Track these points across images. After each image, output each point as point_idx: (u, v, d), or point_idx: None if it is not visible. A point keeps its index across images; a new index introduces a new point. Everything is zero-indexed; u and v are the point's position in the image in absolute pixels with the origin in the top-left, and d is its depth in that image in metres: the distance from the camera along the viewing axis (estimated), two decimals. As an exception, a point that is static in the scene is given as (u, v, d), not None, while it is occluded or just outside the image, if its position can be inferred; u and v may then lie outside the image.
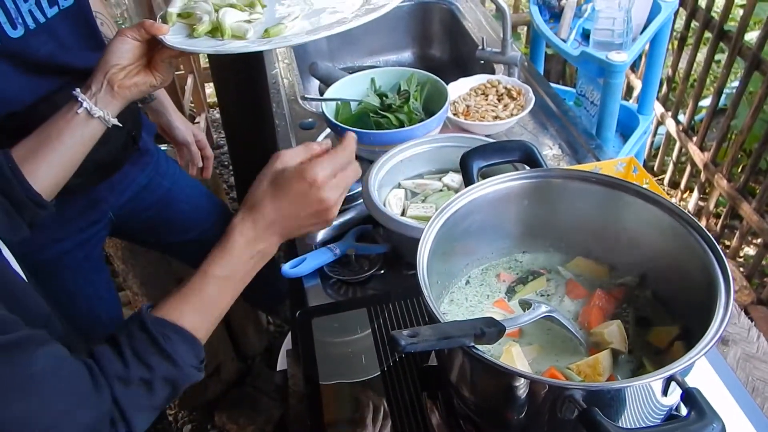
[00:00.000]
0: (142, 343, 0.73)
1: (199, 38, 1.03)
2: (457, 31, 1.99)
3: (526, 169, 0.90)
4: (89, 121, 1.00)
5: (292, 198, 0.82)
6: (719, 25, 2.29)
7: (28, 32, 1.09)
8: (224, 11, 1.04)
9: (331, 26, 1.01)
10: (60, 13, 1.15)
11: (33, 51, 1.11)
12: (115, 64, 1.00)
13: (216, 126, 3.44)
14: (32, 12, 1.09)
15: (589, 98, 1.87)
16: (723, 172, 2.40)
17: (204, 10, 1.05)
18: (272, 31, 1.01)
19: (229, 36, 1.02)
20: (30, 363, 0.63)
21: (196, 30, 1.03)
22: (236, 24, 1.04)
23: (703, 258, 0.75)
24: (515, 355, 0.77)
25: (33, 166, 0.94)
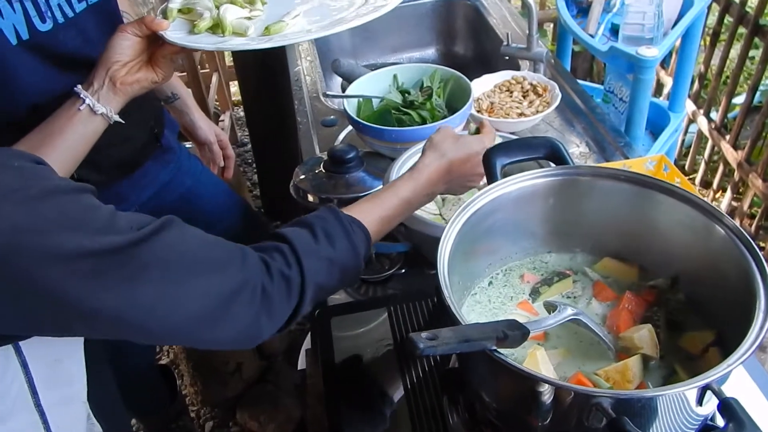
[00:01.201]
0: (335, 228, 0.81)
1: (199, 34, 1.02)
2: (481, 28, 1.96)
3: (551, 167, 0.87)
4: (92, 117, 0.99)
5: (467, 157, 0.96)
6: (754, 19, 2.22)
7: (56, 26, 1.10)
8: (225, 8, 1.03)
9: (331, 25, 0.99)
10: (88, 9, 1.15)
11: (61, 45, 1.12)
12: (116, 60, 1.00)
13: (240, 124, 3.45)
14: (61, 6, 1.10)
15: (617, 95, 1.82)
16: (758, 171, 2.32)
17: (204, 6, 1.04)
18: (273, 28, 1.00)
19: (230, 33, 1.01)
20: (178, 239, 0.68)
21: (196, 26, 1.02)
22: (237, 21, 1.03)
23: (740, 260, 0.71)
24: (540, 360, 0.74)
25: None
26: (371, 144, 1.36)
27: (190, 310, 0.67)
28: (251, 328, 0.72)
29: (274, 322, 0.74)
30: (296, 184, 1.31)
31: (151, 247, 0.66)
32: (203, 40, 1.01)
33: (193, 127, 1.63)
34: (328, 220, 0.82)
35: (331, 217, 0.82)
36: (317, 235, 0.79)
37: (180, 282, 0.67)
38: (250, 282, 0.72)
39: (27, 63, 1.08)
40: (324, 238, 0.79)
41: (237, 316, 0.70)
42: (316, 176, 1.31)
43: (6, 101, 1.11)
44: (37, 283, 0.60)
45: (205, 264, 0.70)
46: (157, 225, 0.67)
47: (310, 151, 1.50)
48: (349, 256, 0.81)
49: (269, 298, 0.73)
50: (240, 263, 0.72)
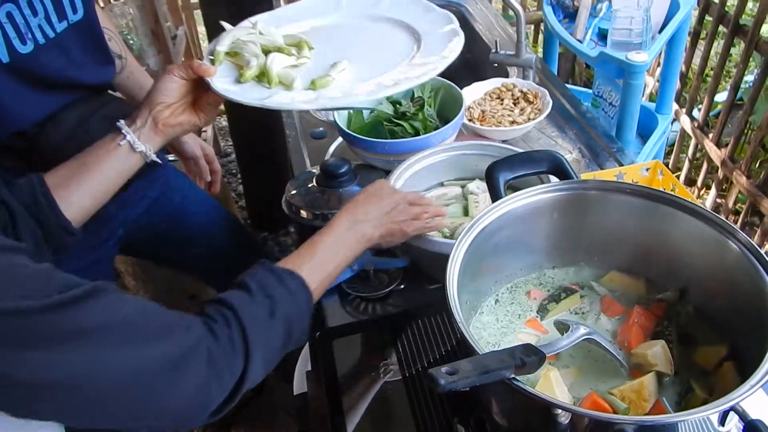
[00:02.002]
0: (267, 278, 0.79)
1: (245, 83, 1.02)
2: (467, 34, 1.93)
3: (554, 181, 0.86)
4: (130, 154, 0.99)
5: (385, 188, 1.00)
6: (734, 19, 2.24)
7: (38, 48, 1.07)
8: (272, 58, 1.02)
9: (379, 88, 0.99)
10: (69, 28, 1.12)
11: (43, 66, 1.09)
12: (160, 101, 1.00)
13: (223, 134, 3.41)
14: (42, 27, 1.07)
15: (607, 99, 1.82)
16: (742, 168, 2.35)
17: (252, 53, 1.04)
18: (318, 83, 1.00)
19: (276, 83, 1.01)
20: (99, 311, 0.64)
21: (243, 75, 1.02)
22: (284, 71, 1.02)
23: (750, 272, 0.71)
24: (554, 381, 0.73)
25: (66, 192, 0.94)
26: (363, 157, 1.34)
27: (131, 379, 0.63)
28: (200, 394, 0.68)
29: (223, 387, 0.71)
30: (288, 199, 1.29)
31: (87, 311, 0.62)
32: (249, 93, 0.99)
33: (178, 141, 1.59)
34: (261, 275, 0.80)
35: (263, 272, 0.81)
36: (252, 291, 0.77)
37: (117, 348, 0.63)
38: (196, 346, 0.69)
39: (9, 87, 1.05)
40: (259, 291, 0.77)
41: (184, 382, 0.67)
42: (309, 191, 1.28)
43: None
44: None
45: (145, 330, 0.66)
46: (88, 288, 0.64)
47: (301, 165, 1.47)
48: (290, 305, 0.79)
49: (215, 361, 0.69)
50: (184, 328, 0.69)
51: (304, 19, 1.19)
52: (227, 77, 1.03)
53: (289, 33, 1.13)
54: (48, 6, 1.06)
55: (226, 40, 1.08)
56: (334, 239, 0.91)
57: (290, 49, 1.06)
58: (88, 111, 1.20)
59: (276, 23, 1.16)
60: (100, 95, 1.26)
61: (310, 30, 1.16)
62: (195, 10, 3.09)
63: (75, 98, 1.18)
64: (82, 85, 1.19)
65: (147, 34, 2.41)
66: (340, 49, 1.03)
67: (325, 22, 1.19)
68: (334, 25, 1.18)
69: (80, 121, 1.18)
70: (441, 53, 1.05)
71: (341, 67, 1.02)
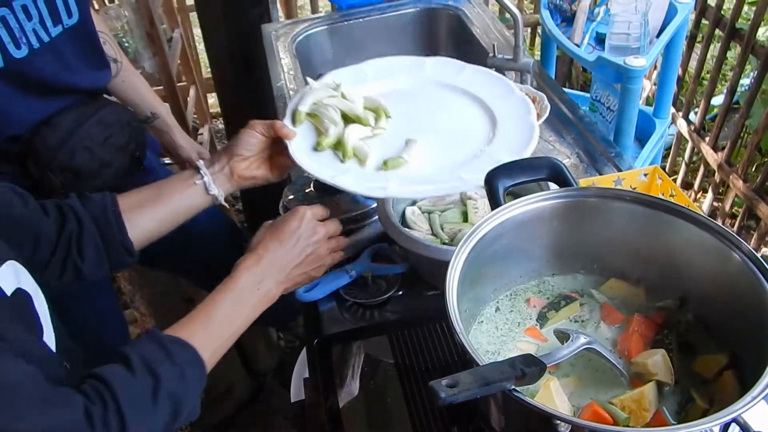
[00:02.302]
0: (153, 352, 0.74)
1: (321, 151, 1.05)
2: (465, 37, 1.95)
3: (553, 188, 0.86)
4: (203, 194, 1.02)
5: (286, 231, 0.95)
6: (730, 23, 2.24)
7: (32, 52, 1.06)
8: (349, 130, 1.05)
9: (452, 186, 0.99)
10: (64, 32, 1.12)
11: (37, 71, 1.09)
12: (239, 154, 1.05)
13: (219, 137, 3.40)
14: (36, 31, 1.06)
15: (605, 104, 1.82)
16: (738, 172, 2.35)
17: (331, 120, 1.06)
18: (390, 163, 1.01)
19: (350, 157, 1.03)
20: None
21: (320, 144, 1.05)
22: (359, 144, 1.04)
23: (751, 281, 0.70)
24: (554, 391, 0.72)
25: (136, 216, 0.97)
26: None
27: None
28: None
29: None
30: (286, 204, 1.28)
31: None
32: (321, 167, 1.02)
33: (174, 146, 1.59)
34: (146, 348, 0.74)
35: (149, 344, 0.75)
36: (134, 368, 0.71)
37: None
38: (72, 430, 0.65)
39: (3, 91, 1.04)
40: (142, 368, 0.72)
41: None
42: (306, 196, 1.28)
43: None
44: None
45: (29, 400, 0.62)
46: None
47: (299, 170, 1.46)
48: (177, 383, 0.73)
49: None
50: (64, 405, 0.65)
51: (387, 78, 1.21)
52: (304, 140, 1.06)
53: (370, 95, 1.15)
54: (42, 10, 1.05)
55: (308, 99, 1.11)
56: (234, 301, 0.86)
57: (368, 117, 1.09)
58: (84, 115, 1.19)
59: (359, 80, 1.19)
60: (96, 99, 1.25)
61: (390, 92, 1.18)
62: (191, 13, 3.08)
63: (70, 102, 1.18)
64: (77, 90, 1.18)
65: (142, 36, 2.39)
66: (417, 122, 1.03)
67: (407, 85, 1.21)
68: (415, 91, 1.19)
69: (75, 125, 1.18)
70: (516, 149, 1.02)
71: (414, 150, 1.03)
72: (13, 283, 0.72)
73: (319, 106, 1.10)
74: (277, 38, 1.95)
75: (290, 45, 1.92)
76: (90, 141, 1.18)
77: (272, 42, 1.94)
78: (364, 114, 1.09)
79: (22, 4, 1.02)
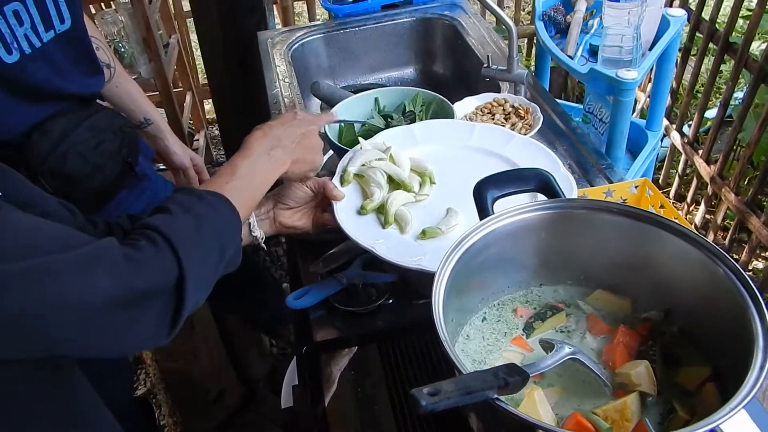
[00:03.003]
0: (186, 198, 0.79)
1: (365, 215, 1.07)
2: (460, 47, 1.96)
3: (541, 199, 0.86)
4: (247, 233, 1.02)
5: (285, 116, 1.04)
6: (724, 36, 2.27)
7: (23, 57, 1.06)
8: (393, 197, 1.07)
9: None
10: (56, 38, 1.12)
11: (28, 76, 1.09)
12: (285, 203, 1.08)
13: (215, 143, 3.41)
14: (28, 36, 1.07)
15: (597, 116, 1.83)
16: (731, 185, 2.37)
17: (377, 183, 1.09)
18: (428, 233, 1.03)
19: (391, 224, 1.05)
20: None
21: (364, 208, 1.07)
22: (401, 210, 1.06)
23: (737, 299, 0.71)
24: (537, 401, 0.73)
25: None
26: (354, 170, 1.34)
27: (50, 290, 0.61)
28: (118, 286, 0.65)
29: (152, 282, 0.68)
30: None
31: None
32: (362, 232, 1.03)
33: (167, 152, 1.59)
34: (179, 197, 0.80)
35: (181, 194, 0.81)
36: (172, 211, 0.77)
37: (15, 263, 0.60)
38: (106, 248, 0.67)
39: None
40: (180, 210, 0.77)
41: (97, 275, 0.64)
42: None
43: None
44: None
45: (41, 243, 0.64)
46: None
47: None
48: (215, 220, 0.79)
49: (134, 258, 0.68)
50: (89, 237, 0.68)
51: (435, 141, 1.24)
52: (350, 201, 1.09)
53: (417, 157, 1.18)
54: (34, 16, 1.06)
55: (358, 160, 1.15)
56: (251, 162, 0.92)
57: (413, 183, 1.12)
58: (76, 120, 1.20)
59: (408, 141, 1.22)
60: (88, 105, 1.26)
61: (437, 156, 1.20)
62: (187, 19, 3.09)
63: (62, 108, 1.18)
64: (69, 96, 1.19)
65: (139, 42, 2.41)
66: (459, 190, 1.02)
67: (454, 149, 1.22)
68: (461, 157, 1.21)
69: (68, 130, 1.18)
70: None
71: (453, 221, 1.04)
72: None
73: (367, 168, 1.13)
74: (273, 46, 1.97)
75: (286, 53, 1.93)
76: (82, 146, 1.19)
77: (268, 49, 1.95)
78: (410, 179, 1.12)
79: (13, 9, 1.02)
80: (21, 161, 1.13)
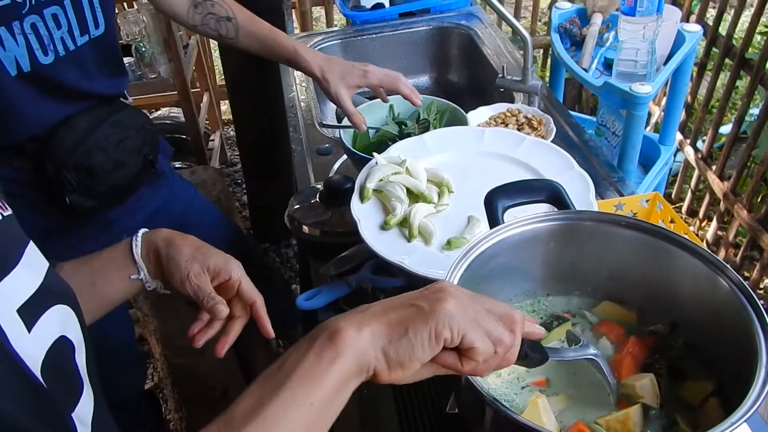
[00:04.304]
0: None
1: (389, 230, 1.08)
2: (475, 57, 1.98)
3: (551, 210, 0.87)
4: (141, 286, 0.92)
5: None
6: (740, 52, 2.27)
7: (57, 59, 1.10)
8: (415, 210, 1.08)
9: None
10: (90, 42, 1.16)
11: (60, 77, 1.13)
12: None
13: (230, 144, 3.44)
14: (64, 39, 1.10)
15: (610, 129, 1.84)
16: (743, 202, 2.36)
17: (397, 198, 1.10)
18: (454, 243, 1.04)
19: (415, 236, 1.06)
20: None
21: (388, 223, 1.08)
22: (424, 222, 1.07)
23: (741, 313, 0.71)
24: (541, 409, 0.73)
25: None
26: (367, 175, 1.36)
27: None
28: None
29: None
30: (291, 214, 1.31)
31: None
32: (389, 248, 1.04)
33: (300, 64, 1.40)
34: None
35: None
36: None
37: None
38: None
39: (25, 94, 1.08)
40: None
41: None
42: (312, 207, 1.30)
43: (4, 129, 1.10)
44: None
45: None
46: None
47: (305, 180, 1.49)
48: None
49: None
50: None
51: (447, 149, 1.25)
52: (372, 218, 1.10)
53: (432, 167, 1.19)
54: (72, 20, 1.09)
55: (375, 176, 1.15)
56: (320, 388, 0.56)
57: (431, 193, 1.12)
58: (100, 117, 1.23)
59: (422, 151, 1.23)
60: (112, 103, 1.29)
61: (452, 164, 1.21)
62: (208, 21, 3.13)
63: (87, 106, 1.21)
64: (94, 95, 1.22)
65: (159, 42, 2.44)
66: (478, 197, 0.98)
67: (467, 156, 1.24)
68: (475, 163, 1.22)
69: (92, 126, 1.21)
70: None
71: (476, 230, 1.05)
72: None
73: (386, 183, 1.13)
74: (291, 50, 1.99)
75: (303, 57, 1.95)
76: (105, 142, 1.21)
77: (286, 53, 1.98)
78: (428, 191, 1.13)
79: (53, 12, 1.05)
80: (46, 154, 1.16)
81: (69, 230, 1.30)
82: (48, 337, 0.61)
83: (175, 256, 0.88)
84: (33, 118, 1.11)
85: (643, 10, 1.52)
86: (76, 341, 0.67)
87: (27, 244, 0.64)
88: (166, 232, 0.91)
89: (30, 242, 0.64)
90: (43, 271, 0.65)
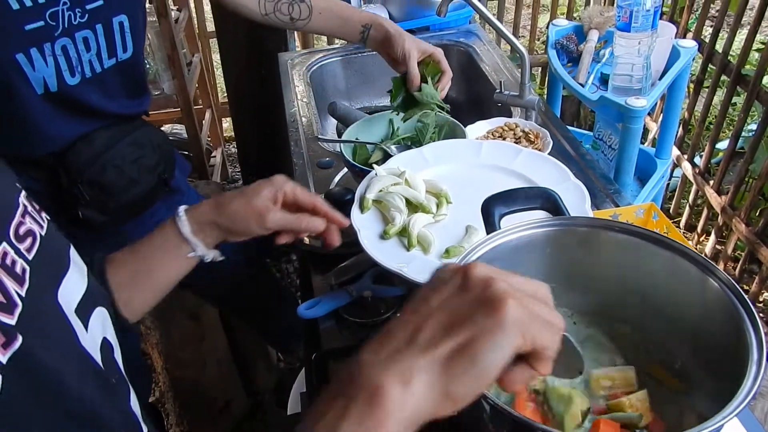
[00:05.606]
0: None
1: (388, 239, 1.09)
2: (474, 73, 2.01)
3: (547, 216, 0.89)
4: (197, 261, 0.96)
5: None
6: (737, 69, 2.30)
7: (83, 80, 1.13)
8: (414, 219, 1.10)
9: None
10: (116, 65, 1.18)
11: (84, 98, 1.15)
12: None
13: (231, 160, 3.47)
14: (92, 62, 1.13)
15: (606, 142, 1.86)
16: (741, 216, 2.38)
17: (396, 208, 1.12)
18: (452, 251, 1.06)
19: (414, 245, 1.08)
20: None
21: (387, 232, 1.10)
22: (423, 231, 1.09)
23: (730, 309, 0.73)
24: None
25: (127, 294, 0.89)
26: (367, 187, 1.38)
27: None
28: None
29: None
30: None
31: None
32: (389, 255, 1.06)
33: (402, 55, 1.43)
34: None
35: None
36: None
37: None
38: None
39: (48, 112, 1.10)
40: None
41: None
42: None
43: (24, 144, 1.13)
44: None
45: None
46: None
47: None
48: None
49: None
50: None
51: (445, 162, 1.27)
52: (372, 228, 1.12)
53: (430, 179, 1.22)
54: (101, 43, 1.11)
55: (375, 186, 1.17)
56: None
57: (430, 204, 1.15)
58: (118, 135, 1.25)
59: (420, 164, 1.25)
60: (133, 120, 1.31)
61: (450, 176, 1.24)
62: (210, 39, 3.18)
63: (106, 124, 1.24)
64: (113, 115, 1.24)
65: (163, 59, 2.48)
66: (476, 207, 1.00)
67: (465, 168, 1.26)
68: (473, 175, 1.24)
69: (110, 143, 1.23)
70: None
71: (474, 239, 1.07)
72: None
73: (385, 194, 1.16)
74: (293, 66, 2.03)
75: (305, 74, 1.99)
76: (121, 160, 1.23)
77: (288, 70, 2.02)
78: (427, 201, 1.15)
79: (84, 36, 1.08)
80: (62, 167, 1.19)
81: (82, 240, 1.32)
82: (97, 337, 0.62)
83: (235, 215, 0.92)
84: (53, 135, 1.14)
85: (638, 26, 1.56)
86: (113, 343, 0.68)
87: (70, 248, 0.65)
88: (206, 203, 0.94)
89: (71, 245, 0.66)
90: (86, 273, 0.66)
